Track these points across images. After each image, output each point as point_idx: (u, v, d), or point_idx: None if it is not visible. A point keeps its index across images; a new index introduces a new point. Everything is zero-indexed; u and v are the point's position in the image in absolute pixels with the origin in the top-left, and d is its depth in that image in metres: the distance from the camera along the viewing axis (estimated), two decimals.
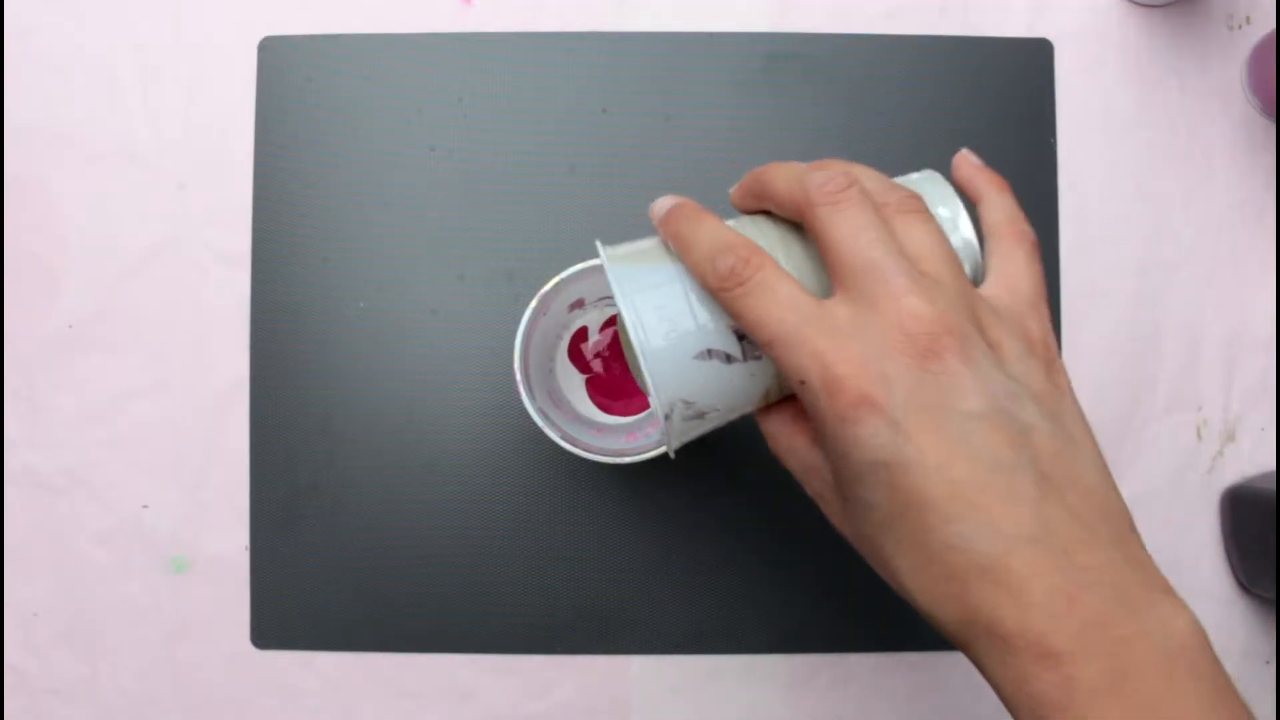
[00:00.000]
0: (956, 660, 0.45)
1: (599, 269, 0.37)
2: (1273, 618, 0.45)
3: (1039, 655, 0.22)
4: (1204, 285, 0.46)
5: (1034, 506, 0.23)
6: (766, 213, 0.29)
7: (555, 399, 0.43)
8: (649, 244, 0.29)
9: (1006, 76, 0.46)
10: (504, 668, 0.44)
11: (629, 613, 0.44)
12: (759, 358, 0.27)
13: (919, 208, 0.27)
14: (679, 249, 0.28)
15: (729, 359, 0.27)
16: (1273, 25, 0.46)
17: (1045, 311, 0.28)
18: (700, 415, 0.28)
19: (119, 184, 0.46)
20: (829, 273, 0.26)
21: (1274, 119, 0.46)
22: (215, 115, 0.46)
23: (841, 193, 0.26)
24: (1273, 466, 0.45)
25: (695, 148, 0.45)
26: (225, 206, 0.45)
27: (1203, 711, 0.22)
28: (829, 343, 0.24)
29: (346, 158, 0.45)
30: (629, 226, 0.45)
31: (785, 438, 0.29)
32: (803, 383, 0.25)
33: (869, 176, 0.28)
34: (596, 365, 0.44)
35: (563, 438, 0.37)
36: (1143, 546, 0.24)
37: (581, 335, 0.44)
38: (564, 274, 0.37)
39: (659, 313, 0.27)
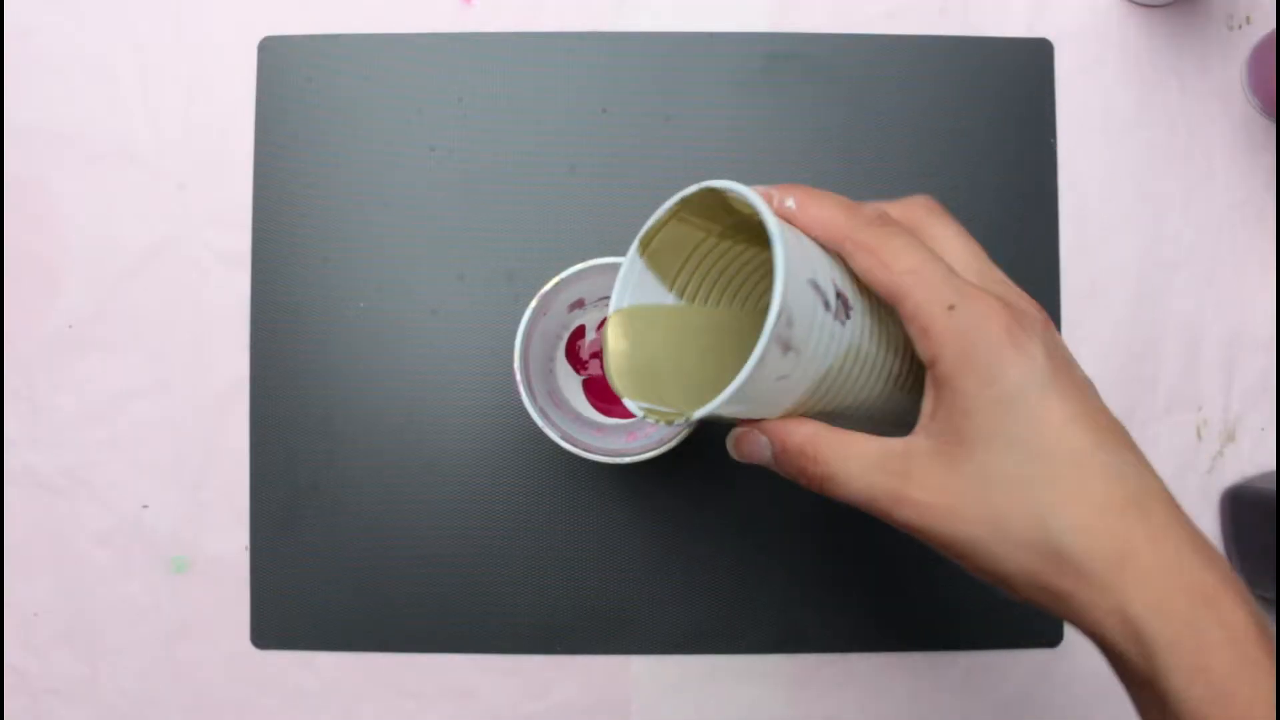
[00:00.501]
0: (956, 660, 0.45)
1: (599, 269, 0.37)
2: (1273, 618, 0.45)
3: (1204, 600, 0.23)
4: (1204, 285, 0.46)
5: (1142, 467, 0.26)
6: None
7: (555, 399, 0.43)
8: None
9: (1006, 76, 0.46)
10: (504, 668, 0.44)
11: (629, 613, 0.44)
12: (843, 323, 0.27)
13: (944, 210, 0.30)
14: (808, 205, 0.27)
15: (826, 306, 0.26)
16: (1273, 25, 0.46)
17: None
18: (786, 348, 0.25)
19: (119, 184, 0.46)
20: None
21: (1274, 119, 0.46)
22: (215, 115, 0.46)
23: (890, 235, 0.27)
24: (1273, 466, 0.45)
25: (695, 148, 0.45)
26: (225, 206, 0.45)
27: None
28: (970, 285, 0.26)
29: (346, 158, 0.45)
30: (629, 226, 0.45)
31: (835, 445, 0.27)
32: (953, 307, 0.25)
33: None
34: (594, 366, 0.44)
35: (563, 438, 0.37)
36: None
37: (578, 335, 0.44)
38: (564, 274, 0.37)
39: (791, 233, 0.26)
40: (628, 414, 0.44)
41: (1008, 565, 0.24)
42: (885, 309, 0.28)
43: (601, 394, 0.44)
